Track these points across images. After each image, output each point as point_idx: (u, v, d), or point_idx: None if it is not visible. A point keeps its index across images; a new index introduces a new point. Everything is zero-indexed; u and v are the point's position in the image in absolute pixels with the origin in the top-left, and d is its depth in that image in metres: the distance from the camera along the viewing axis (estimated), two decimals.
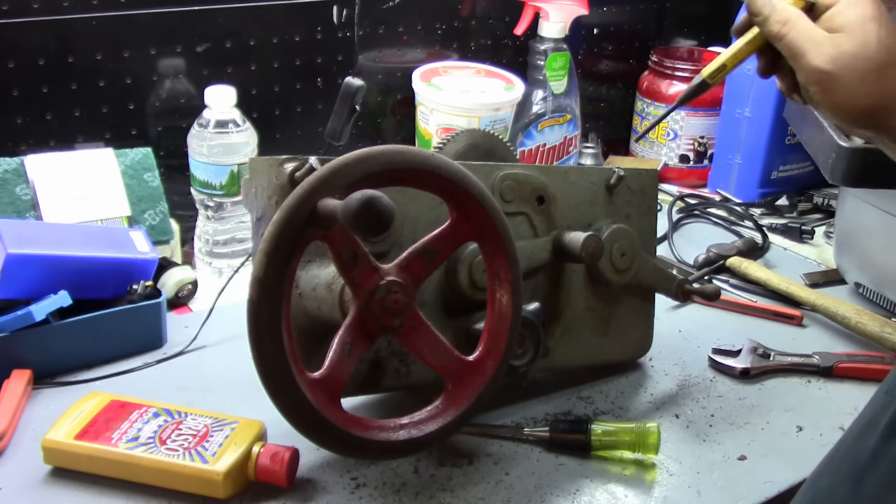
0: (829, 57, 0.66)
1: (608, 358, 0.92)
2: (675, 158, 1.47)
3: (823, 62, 0.66)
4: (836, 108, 0.67)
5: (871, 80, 0.66)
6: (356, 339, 0.66)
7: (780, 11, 0.68)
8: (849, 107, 0.66)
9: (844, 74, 0.66)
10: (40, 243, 0.87)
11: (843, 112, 0.67)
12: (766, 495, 0.77)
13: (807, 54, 0.66)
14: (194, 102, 1.15)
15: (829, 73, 0.66)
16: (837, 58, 0.66)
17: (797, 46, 0.67)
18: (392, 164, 0.65)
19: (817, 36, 0.67)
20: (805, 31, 0.67)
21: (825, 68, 0.66)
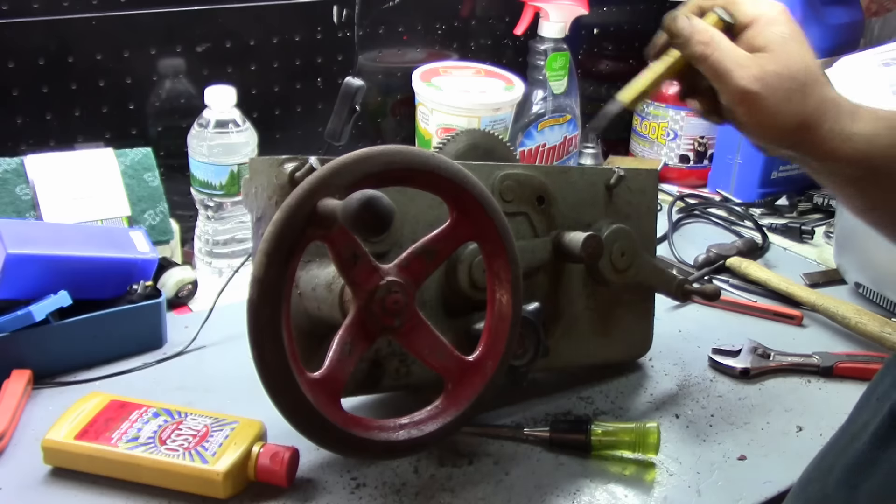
0: (754, 77, 0.65)
1: (608, 358, 0.92)
2: (675, 158, 1.47)
3: (749, 83, 0.65)
4: (762, 128, 0.67)
5: (796, 98, 0.66)
6: (356, 339, 0.66)
7: (702, 32, 0.67)
8: (775, 127, 0.66)
9: (770, 94, 0.65)
10: (40, 243, 0.87)
11: (769, 132, 0.67)
12: (766, 495, 0.77)
13: (732, 75, 0.66)
14: (194, 102, 1.15)
15: (755, 93, 0.65)
16: (762, 77, 0.65)
17: (722, 67, 0.66)
18: (392, 164, 0.65)
19: (740, 56, 0.66)
20: (728, 51, 0.66)
21: (752, 88, 0.65)
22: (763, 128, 0.67)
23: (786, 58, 0.66)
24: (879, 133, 0.66)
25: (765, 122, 0.66)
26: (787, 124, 0.66)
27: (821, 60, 1.32)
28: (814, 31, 1.31)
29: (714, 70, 0.67)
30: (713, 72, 0.67)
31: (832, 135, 0.66)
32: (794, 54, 0.67)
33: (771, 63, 0.66)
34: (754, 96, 0.65)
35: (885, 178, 0.66)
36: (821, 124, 0.66)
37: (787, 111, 0.66)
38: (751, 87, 0.65)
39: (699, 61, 0.67)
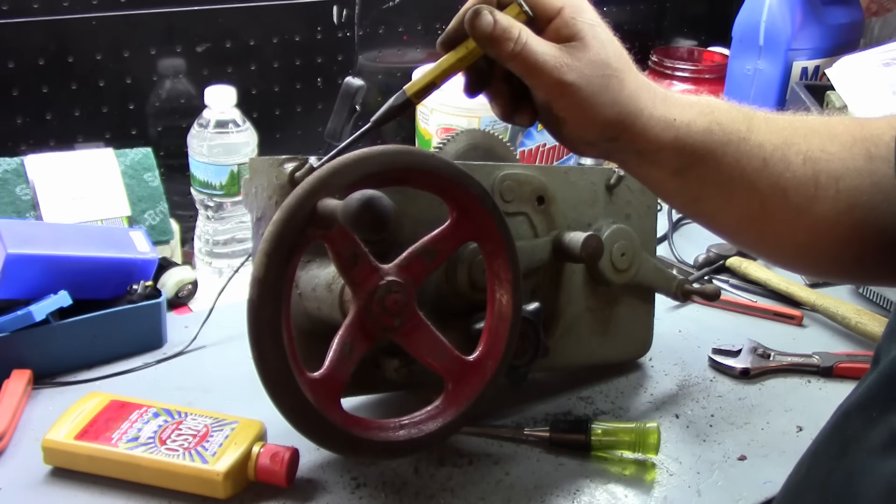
0: (569, 68, 0.62)
1: (608, 358, 0.92)
2: None
3: (565, 74, 0.62)
4: (583, 122, 0.64)
5: (613, 86, 0.63)
6: (356, 339, 0.66)
7: (508, 29, 0.62)
8: (596, 119, 0.64)
9: (587, 84, 0.62)
10: (40, 243, 0.87)
11: (590, 126, 0.64)
12: (766, 495, 0.77)
13: (545, 68, 0.62)
14: (194, 102, 1.15)
15: (572, 84, 0.62)
16: (578, 69, 0.62)
17: (533, 62, 0.62)
18: (392, 164, 0.65)
19: (552, 49, 0.63)
20: (538, 45, 0.62)
21: (568, 80, 0.62)
22: (584, 121, 0.64)
23: (598, 46, 0.63)
24: (695, 119, 0.65)
25: (585, 114, 0.63)
26: (608, 114, 0.63)
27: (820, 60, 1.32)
28: (814, 31, 1.31)
29: (526, 67, 0.63)
30: (525, 69, 0.63)
31: (653, 121, 0.64)
32: (605, 42, 0.64)
33: (584, 52, 0.63)
34: (572, 88, 0.62)
35: (703, 166, 0.65)
36: (641, 111, 0.64)
37: (606, 100, 0.63)
38: (567, 79, 0.62)
39: (508, 59, 0.63)
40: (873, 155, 0.65)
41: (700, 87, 1.43)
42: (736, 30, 1.37)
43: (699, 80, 1.44)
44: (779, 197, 0.65)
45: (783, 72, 1.31)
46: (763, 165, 0.65)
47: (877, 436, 0.49)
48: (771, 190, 0.65)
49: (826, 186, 0.65)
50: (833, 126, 0.67)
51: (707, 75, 1.44)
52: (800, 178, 0.65)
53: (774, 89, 1.32)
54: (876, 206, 0.65)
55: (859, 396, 0.53)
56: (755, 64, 1.33)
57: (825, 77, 1.22)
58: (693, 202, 0.70)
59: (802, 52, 1.31)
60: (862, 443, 0.50)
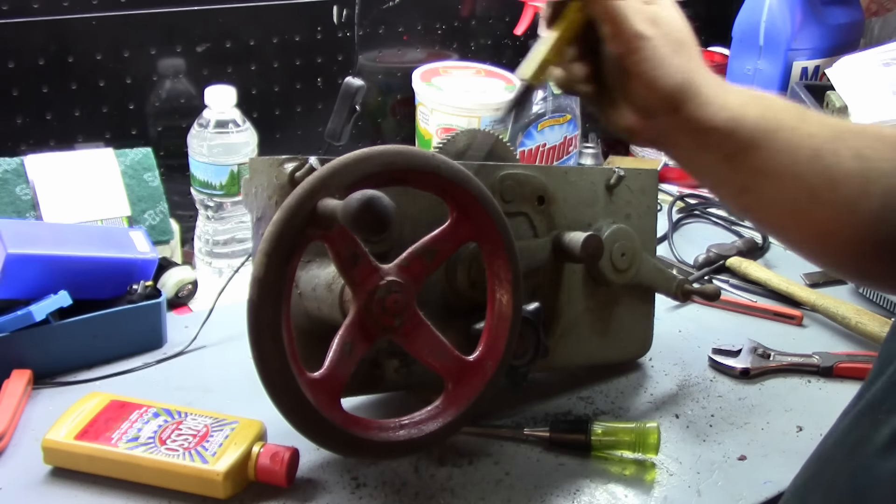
0: (649, 21, 0.64)
1: (608, 358, 0.92)
2: None
3: (644, 26, 0.64)
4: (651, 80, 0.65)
5: (683, 53, 0.65)
6: (356, 339, 0.66)
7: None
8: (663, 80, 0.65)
9: (662, 43, 0.64)
10: (40, 243, 0.87)
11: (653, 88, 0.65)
12: (766, 495, 0.77)
13: (627, 16, 0.64)
14: (194, 102, 1.15)
15: (650, 38, 0.64)
16: (657, 23, 0.65)
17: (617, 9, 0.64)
18: (392, 164, 0.65)
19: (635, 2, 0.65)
20: None
21: (646, 32, 0.64)
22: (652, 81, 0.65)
23: (674, 11, 0.66)
24: (748, 103, 0.66)
25: (655, 73, 0.65)
26: (676, 78, 0.65)
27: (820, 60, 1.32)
28: (814, 31, 1.31)
29: (609, 12, 0.65)
30: (608, 14, 0.65)
31: (709, 100, 0.65)
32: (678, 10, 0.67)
33: (664, 11, 0.65)
34: (649, 41, 0.64)
35: (754, 152, 0.66)
36: (700, 86, 0.65)
37: (675, 63, 0.65)
38: (645, 31, 0.64)
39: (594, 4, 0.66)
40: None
41: None
42: (736, 30, 1.37)
43: None
44: (828, 188, 0.65)
45: (783, 72, 1.31)
46: (814, 155, 0.65)
47: (882, 437, 0.49)
48: (821, 180, 0.65)
49: (876, 182, 0.64)
50: (881, 130, 0.68)
51: None
52: (850, 172, 0.65)
53: (774, 89, 1.32)
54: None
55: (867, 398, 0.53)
56: (755, 64, 1.34)
57: (825, 77, 1.22)
58: (742, 192, 0.69)
59: (802, 52, 1.31)
60: (868, 444, 0.50)
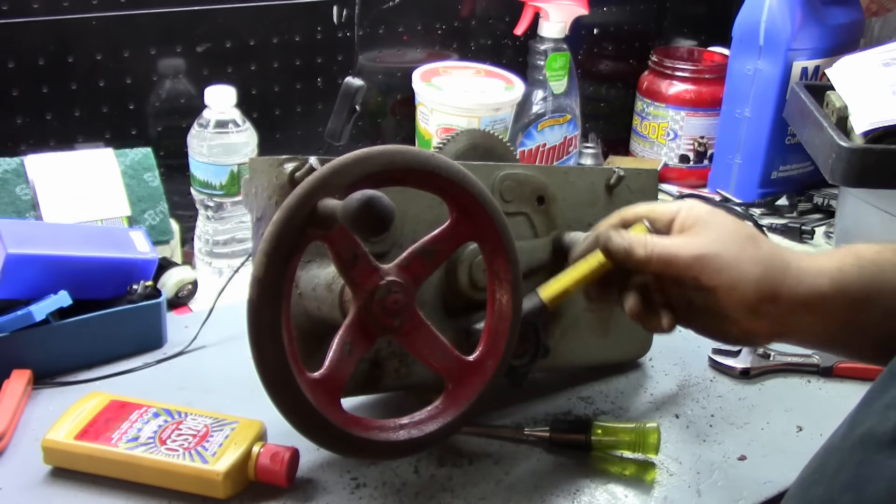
0: (699, 244, 0.66)
1: (608, 358, 0.92)
2: (675, 158, 1.47)
3: (697, 248, 0.66)
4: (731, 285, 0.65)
5: (749, 247, 0.66)
6: (356, 339, 0.66)
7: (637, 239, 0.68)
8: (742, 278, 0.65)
9: (722, 249, 0.66)
10: (40, 243, 0.87)
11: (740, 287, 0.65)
12: (766, 495, 0.77)
13: (679, 254, 0.66)
14: (194, 102, 1.15)
15: (707, 254, 0.66)
16: (708, 240, 0.66)
17: (667, 254, 0.67)
18: (392, 164, 0.65)
19: (677, 239, 0.68)
20: (666, 241, 0.68)
21: (701, 251, 0.66)
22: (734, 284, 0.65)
23: (722, 221, 0.68)
24: (842, 260, 0.66)
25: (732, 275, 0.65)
26: (755, 272, 0.65)
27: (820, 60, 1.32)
28: (814, 31, 1.31)
29: (662, 261, 0.67)
30: (662, 263, 0.67)
31: (803, 272, 0.66)
32: (727, 218, 0.68)
33: (710, 230, 0.67)
34: (708, 257, 0.65)
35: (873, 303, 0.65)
36: (787, 263, 0.66)
37: (747, 258, 0.66)
38: (700, 251, 0.66)
39: (646, 263, 0.68)
40: None
41: (700, 87, 1.43)
42: (736, 30, 1.37)
43: (699, 80, 1.44)
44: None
45: (783, 72, 1.31)
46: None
47: (884, 430, 0.50)
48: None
49: None
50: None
51: (707, 75, 1.44)
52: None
53: (774, 89, 1.32)
54: None
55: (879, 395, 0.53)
56: (755, 64, 1.33)
57: (825, 77, 1.22)
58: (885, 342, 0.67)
59: (802, 52, 1.31)
60: (873, 438, 0.51)
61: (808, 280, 0.65)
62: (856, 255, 0.67)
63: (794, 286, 0.65)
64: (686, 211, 0.69)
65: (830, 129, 1.06)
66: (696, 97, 1.43)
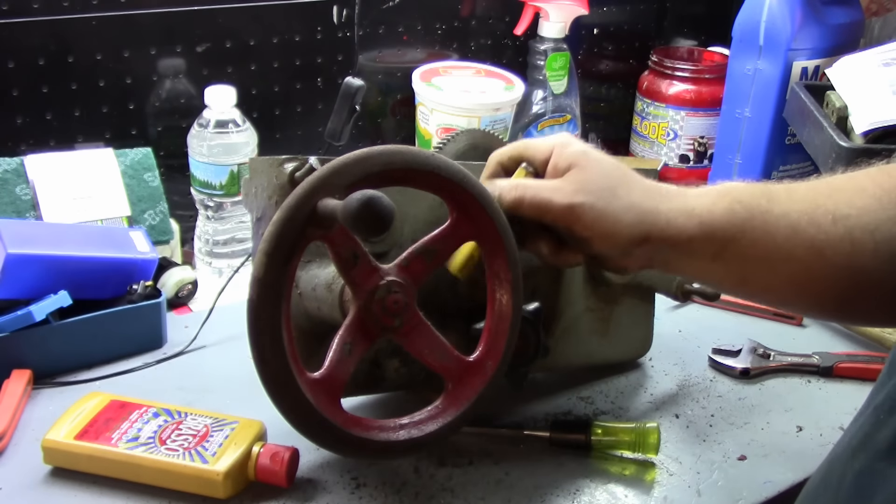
0: (573, 190, 0.66)
1: (608, 358, 0.92)
2: (675, 158, 1.47)
3: (571, 196, 0.66)
4: (607, 234, 0.66)
5: (622, 193, 0.67)
6: (356, 339, 0.66)
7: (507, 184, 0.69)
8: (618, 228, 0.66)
9: (596, 198, 0.66)
10: (40, 243, 0.87)
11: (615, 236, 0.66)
12: (766, 495, 0.77)
13: (551, 200, 0.66)
14: (194, 102, 1.15)
15: (581, 203, 0.66)
16: (581, 188, 0.66)
17: (539, 199, 0.67)
18: (392, 164, 0.65)
19: (551, 183, 0.68)
20: (538, 185, 0.68)
21: (575, 201, 0.66)
22: (608, 233, 0.66)
23: (593, 164, 0.68)
24: (714, 203, 0.67)
25: (606, 226, 0.66)
26: (627, 219, 0.66)
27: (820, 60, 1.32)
28: (814, 31, 1.31)
29: (535, 206, 0.67)
30: (535, 208, 0.67)
31: (673, 214, 0.67)
32: (599, 159, 0.68)
33: (581, 173, 0.67)
34: (583, 207, 0.66)
35: (736, 246, 0.67)
36: (657, 208, 0.67)
37: (619, 207, 0.66)
38: (574, 200, 0.66)
39: (518, 207, 0.68)
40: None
41: (700, 87, 1.43)
42: (736, 30, 1.37)
43: (699, 80, 1.44)
44: (817, 259, 0.66)
45: (783, 72, 1.30)
46: (793, 233, 0.66)
47: (885, 439, 0.50)
48: (808, 254, 0.66)
49: (862, 241, 0.65)
50: (859, 181, 0.68)
51: (707, 75, 1.44)
52: (833, 238, 0.65)
53: (774, 89, 1.32)
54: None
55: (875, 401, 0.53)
56: (755, 64, 1.33)
57: (825, 77, 1.22)
58: (741, 283, 0.71)
59: (802, 52, 1.31)
60: (872, 446, 0.50)
61: (678, 222, 0.67)
62: (732, 198, 0.67)
63: (664, 228, 0.67)
64: (559, 150, 0.69)
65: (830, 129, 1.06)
66: (696, 97, 1.43)
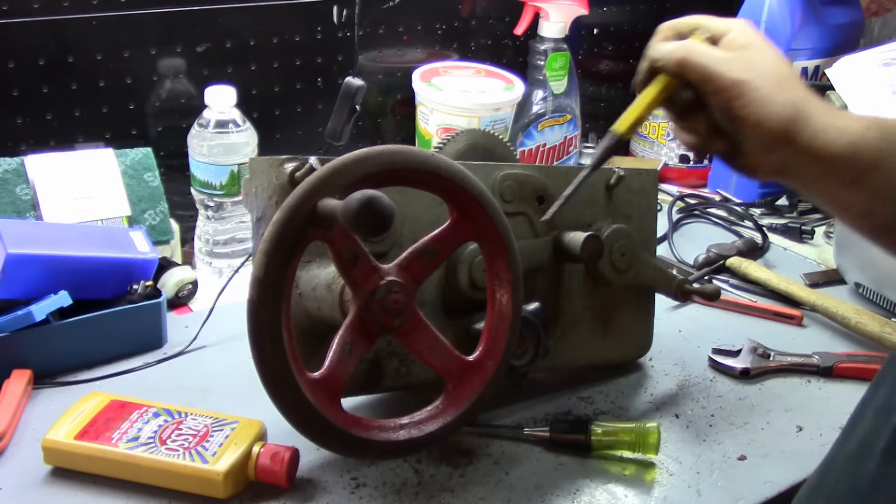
0: (743, 67, 0.66)
1: (608, 358, 0.92)
2: (675, 158, 1.47)
3: (740, 72, 0.65)
4: (759, 120, 0.66)
5: (786, 85, 0.66)
6: (356, 339, 0.66)
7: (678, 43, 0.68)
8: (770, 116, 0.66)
9: (762, 83, 0.65)
10: (40, 243, 0.87)
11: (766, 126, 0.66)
12: (766, 495, 0.77)
13: (720, 69, 0.66)
14: (194, 102, 1.15)
15: (747, 81, 0.65)
16: (751, 67, 0.66)
17: (707, 67, 0.66)
18: (392, 164, 0.65)
19: (724, 54, 0.67)
20: (710, 52, 0.67)
21: (743, 77, 0.65)
22: (761, 119, 0.66)
23: (769, 50, 0.67)
24: (869, 126, 0.66)
25: (762, 111, 0.65)
26: (783, 113, 0.65)
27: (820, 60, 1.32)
28: (814, 31, 1.31)
29: (701, 71, 0.67)
30: (700, 73, 0.67)
31: (825, 126, 0.66)
32: (776, 51, 0.68)
33: (756, 55, 0.66)
34: (747, 85, 0.65)
35: (878, 174, 0.66)
36: (812, 113, 0.66)
37: (780, 98, 0.65)
38: (742, 76, 0.65)
39: (684, 69, 0.67)
40: None
41: None
42: None
43: None
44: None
45: None
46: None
47: (883, 441, 0.50)
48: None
49: None
50: None
51: None
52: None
53: None
54: None
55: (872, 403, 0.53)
56: None
57: (825, 77, 1.22)
58: (867, 215, 0.70)
59: (802, 52, 1.31)
60: (870, 449, 0.50)
61: (828, 135, 0.66)
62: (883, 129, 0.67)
63: (812, 137, 0.66)
64: (739, 29, 0.68)
65: None
66: None
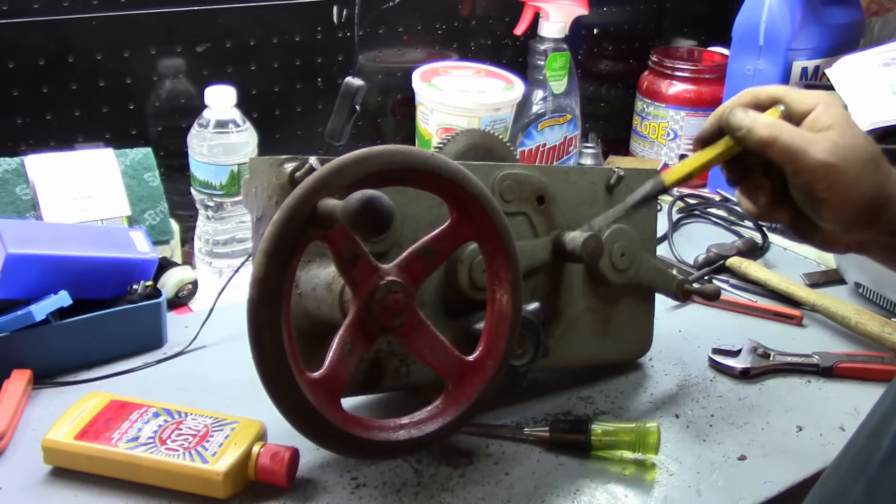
0: (828, 150, 0.65)
1: (608, 358, 0.92)
2: (675, 158, 1.47)
3: (827, 155, 0.65)
4: (842, 203, 0.66)
5: (870, 169, 0.66)
6: (356, 339, 0.66)
7: (764, 119, 0.68)
8: (855, 199, 0.66)
9: (848, 166, 0.65)
10: (40, 243, 0.87)
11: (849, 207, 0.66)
12: (766, 495, 0.77)
13: (807, 151, 0.66)
14: (194, 102, 1.15)
15: (833, 164, 0.65)
16: (837, 150, 0.66)
17: (793, 146, 0.66)
18: (392, 164, 0.65)
19: (809, 134, 0.67)
20: (796, 132, 0.67)
21: (830, 160, 0.65)
22: (843, 202, 0.66)
23: (853, 132, 0.67)
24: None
25: (845, 195, 0.66)
26: (866, 195, 0.66)
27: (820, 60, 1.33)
28: (814, 31, 1.31)
29: (786, 151, 0.66)
30: (785, 153, 0.66)
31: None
32: (858, 129, 0.68)
33: (841, 137, 0.66)
34: (833, 168, 0.65)
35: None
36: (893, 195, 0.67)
37: (864, 182, 0.66)
38: (829, 160, 0.65)
39: (767, 146, 0.67)
40: None
41: (700, 87, 1.43)
42: (736, 30, 1.37)
43: (699, 80, 1.44)
44: None
45: (783, 72, 1.31)
46: None
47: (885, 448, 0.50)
48: None
49: None
50: None
51: (707, 75, 1.44)
52: None
53: None
54: None
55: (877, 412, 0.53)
56: (755, 64, 1.34)
57: (825, 77, 1.22)
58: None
59: (802, 52, 1.31)
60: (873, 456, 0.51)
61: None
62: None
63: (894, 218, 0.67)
64: (824, 108, 0.68)
65: None
66: (696, 97, 1.43)
